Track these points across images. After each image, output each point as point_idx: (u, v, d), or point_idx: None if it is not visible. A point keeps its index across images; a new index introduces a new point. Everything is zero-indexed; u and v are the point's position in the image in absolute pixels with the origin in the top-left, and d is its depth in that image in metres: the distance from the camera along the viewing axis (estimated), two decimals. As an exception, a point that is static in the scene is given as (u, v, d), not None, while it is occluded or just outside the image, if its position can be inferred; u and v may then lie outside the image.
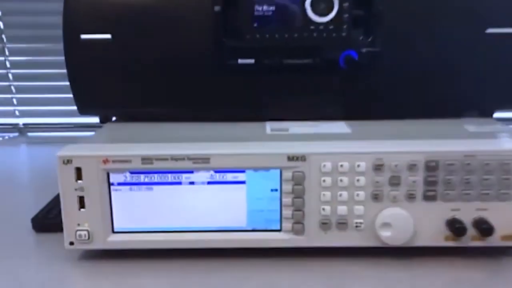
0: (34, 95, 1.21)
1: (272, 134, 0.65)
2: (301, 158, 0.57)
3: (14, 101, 1.23)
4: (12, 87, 1.21)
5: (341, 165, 0.57)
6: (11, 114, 1.23)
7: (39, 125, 1.23)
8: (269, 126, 0.69)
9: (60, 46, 0.69)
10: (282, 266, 0.59)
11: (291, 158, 0.57)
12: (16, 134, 1.25)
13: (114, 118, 0.77)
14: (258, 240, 0.59)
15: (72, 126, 1.20)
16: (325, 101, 0.72)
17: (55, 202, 0.71)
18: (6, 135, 1.24)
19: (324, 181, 0.57)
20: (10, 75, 1.20)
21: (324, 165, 0.57)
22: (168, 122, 0.72)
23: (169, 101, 0.71)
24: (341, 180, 0.57)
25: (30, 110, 1.23)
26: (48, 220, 0.68)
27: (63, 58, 0.70)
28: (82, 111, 0.74)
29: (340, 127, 0.68)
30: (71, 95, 0.71)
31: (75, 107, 0.73)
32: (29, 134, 1.24)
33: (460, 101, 0.72)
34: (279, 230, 0.60)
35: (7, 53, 1.19)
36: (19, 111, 1.23)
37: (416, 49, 0.69)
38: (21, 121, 1.24)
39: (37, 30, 1.15)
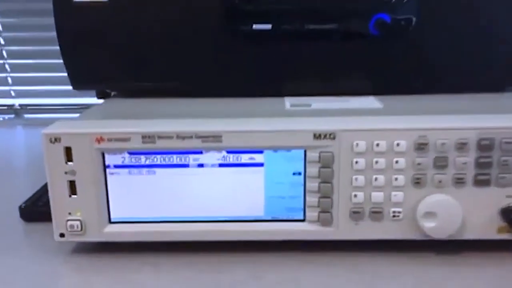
0: (30, 74, 1.13)
1: (292, 110, 0.57)
2: (330, 135, 0.48)
3: (9, 80, 1.14)
4: (7, 66, 1.13)
5: (377, 144, 0.48)
6: (7, 95, 1.15)
7: (36, 106, 1.15)
8: (288, 102, 0.60)
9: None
10: (305, 262, 0.51)
11: (317, 135, 0.48)
12: (12, 115, 1.17)
13: (113, 94, 0.68)
14: (278, 231, 0.51)
15: (72, 107, 1.12)
16: (352, 73, 0.63)
17: (46, 188, 0.63)
18: (1, 117, 1.16)
19: (356, 162, 0.48)
20: (4, 52, 1.12)
21: (357, 144, 0.48)
22: (174, 98, 0.63)
23: (174, 74, 0.63)
24: (376, 162, 0.48)
25: (26, 90, 1.15)
26: (37, 209, 0.59)
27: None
28: (77, 86, 0.65)
29: (370, 102, 0.59)
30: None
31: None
32: (26, 116, 1.16)
33: (504, 73, 0.63)
34: (303, 220, 0.51)
35: (0, 28, 1.10)
36: (14, 91, 1.15)
37: (457, 15, 0.60)
38: (17, 102, 1.16)
39: (32, 3, 1.06)
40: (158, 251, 0.53)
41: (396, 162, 0.48)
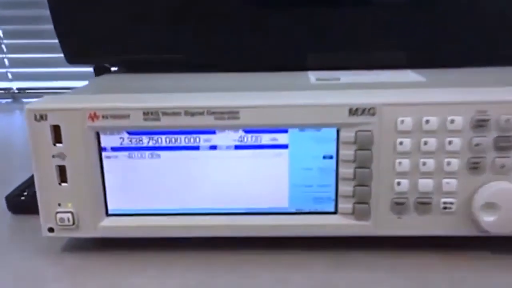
0: (28, 55, 1.05)
1: (319, 83, 0.48)
2: (369, 111, 0.40)
3: (6, 61, 1.07)
4: (3, 46, 1.05)
5: (427, 121, 0.40)
6: (3, 77, 1.07)
7: (35, 90, 1.07)
8: (313, 76, 0.51)
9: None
10: (338, 264, 0.43)
11: (353, 111, 0.40)
12: (10, 100, 1.09)
13: (113, 70, 0.61)
14: (304, 226, 0.43)
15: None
16: (384, 43, 0.54)
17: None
18: (-2, 101, 1.09)
19: (401, 143, 0.40)
20: (0, 32, 1.04)
21: (402, 121, 0.40)
22: (181, 73, 0.55)
23: (182, 45, 0.55)
24: (425, 143, 0.40)
25: (24, 73, 1.07)
26: (25, 199, 0.52)
27: None
28: (72, 60, 0.57)
29: (408, 75, 0.51)
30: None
31: (74, 69, 0.57)
32: (24, 100, 1.08)
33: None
34: (334, 213, 0.43)
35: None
36: (11, 73, 1.07)
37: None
38: (14, 85, 1.08)
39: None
40: (164, 250, 0.45)
41: (449, 142, 0.40)
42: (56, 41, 0.55)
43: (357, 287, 0.40)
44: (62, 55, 0.57)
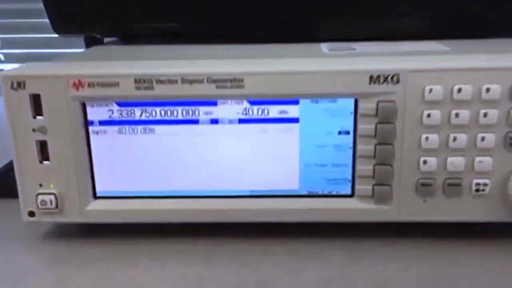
0: (21, 35, 1.00)
1: (333, 53, 0.43)
2: (392, 78, 0.35)
3: (-3, 43, 1.02)
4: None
5: (459, 90, 0.35)
6: (-5, 60, 1.02)
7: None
8: (325, 47, 0.46)
9: None
10: (355, 252, 0.38)
11: (375, 78, 0.35)
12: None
13: (106, 42, 0.55)
14: (317, 211, 0.38)
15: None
16: (404, 12, 0.49)
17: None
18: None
19: (428, 116, 0.35)
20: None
21: (431, 90, 0.35)
22: (179, 44, 0.50)
23: (183, 13, 0.49)
24: (456, 115, 0.35)
25: (17, 54, 1.02)
26: (5, 181, 0.47)
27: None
28: (60, 30, 0.52)
29: (431, 45, 0.45)
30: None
31: (70, 50, 0.52)
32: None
33: None
34: (351, 196, 0.38)
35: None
36: (3, 54, 1.02)
37: None
38: (6, 67, 1.03)
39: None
40: (160, 238, 0.40)
41: (484, 115, 0.35)
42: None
43: (377, 279, 0.35)
44: (56, 35, 0.52)
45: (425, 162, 0.36)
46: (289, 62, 0.38)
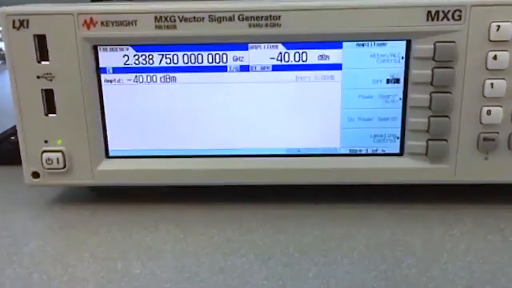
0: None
1: None
2: (453, 14, 0.30)
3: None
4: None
5: (532, 26, 0.30)
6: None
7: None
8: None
9: None
10: (406, 216, 0.33)
11: (433, 14, 0.30)
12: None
13: None
14: (361, 171, 0.34)
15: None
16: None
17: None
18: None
19: (495, 58, 0.31)
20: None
21: (498, 27, 0.30)
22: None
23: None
24: (528, 56, 0.30)
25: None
26: (6, 146, 0.42)
27: None
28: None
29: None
30: None
31: None
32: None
33: None
34: (400, 155, 0.33)
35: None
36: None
37: None
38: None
39: None
40: (180, 201, 0.35)
41: (560, 56, 0.30)
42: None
43: (433, 244, 0.30)
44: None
45: (488, 112, 0.31)
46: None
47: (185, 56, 0.33)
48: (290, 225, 0.32)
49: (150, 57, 0.33)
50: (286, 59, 0.33)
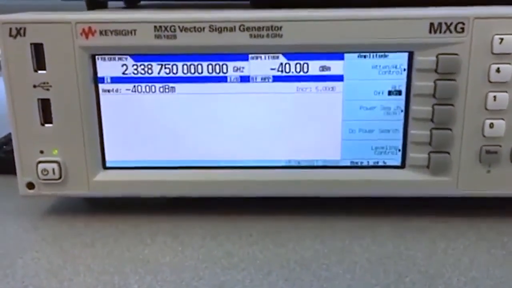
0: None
1: None
2: (456, 26, 0.30)
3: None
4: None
5: (535, 39, 0.30)
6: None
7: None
8: None
9: None
10: (406, 230, 0.33)
11: (436, 26, 0.30)
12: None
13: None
14: (362, 183, 0.33)
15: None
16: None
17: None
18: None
19: (498, 71, 0.30)
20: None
21: (501, 40, 0.30)
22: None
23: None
24: (531, 69, 0.30)
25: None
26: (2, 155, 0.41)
27: None
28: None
29: None
30: None
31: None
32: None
33: None
34: (401, 167, 0.33)
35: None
36: None
37: None
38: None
39: None
40: (178, 214, 0.35)
41: None
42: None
43: (436, 258, 0.29)
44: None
45: (491, 125, 0.31)
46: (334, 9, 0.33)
47: (185, 66, 0.32)
48: (291, 238, 0.32)
49: (149, 66, 0.32)
50: (287, 70, 0.32)
